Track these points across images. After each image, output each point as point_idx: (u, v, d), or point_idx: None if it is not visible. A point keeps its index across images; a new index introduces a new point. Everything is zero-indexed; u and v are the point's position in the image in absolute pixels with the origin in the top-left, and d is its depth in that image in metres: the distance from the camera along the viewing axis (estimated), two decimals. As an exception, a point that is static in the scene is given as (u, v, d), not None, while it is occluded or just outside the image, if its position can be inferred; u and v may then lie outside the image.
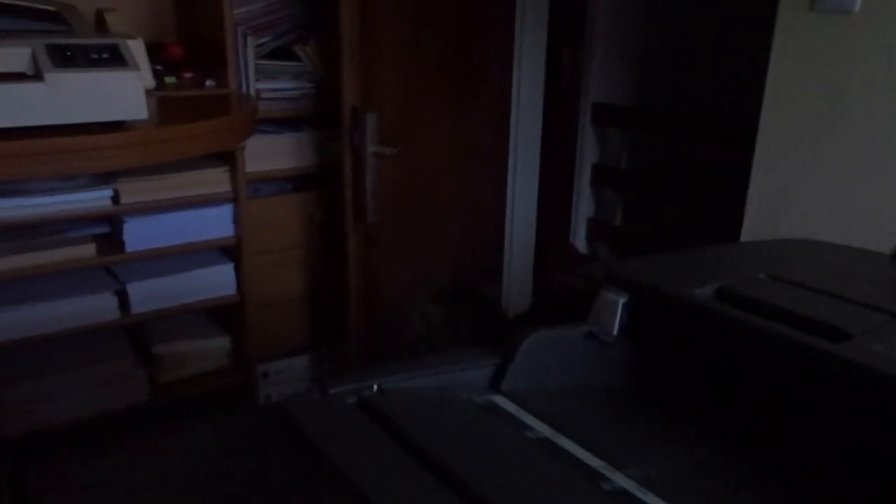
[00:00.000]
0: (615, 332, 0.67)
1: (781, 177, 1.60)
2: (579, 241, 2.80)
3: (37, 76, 1.26)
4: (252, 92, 1.85)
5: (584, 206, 2.77)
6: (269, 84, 1.89)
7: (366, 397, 0.57)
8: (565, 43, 2.41)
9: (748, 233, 1.65)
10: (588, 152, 2.72)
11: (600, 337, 0.67)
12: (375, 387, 0.59)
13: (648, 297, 0.65)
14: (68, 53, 1.29)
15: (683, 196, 2.51)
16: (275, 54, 1.91)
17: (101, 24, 1.76)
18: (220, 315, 1.95)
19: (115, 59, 1.31)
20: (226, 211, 1.83)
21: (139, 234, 1.73)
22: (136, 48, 1.48)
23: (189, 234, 1.80)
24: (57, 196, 1.62)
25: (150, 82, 1.61)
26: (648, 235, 2.71)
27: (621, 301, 0.68)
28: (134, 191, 1.69)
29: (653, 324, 0.66)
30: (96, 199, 1.66)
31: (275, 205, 1.96)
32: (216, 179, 1.80)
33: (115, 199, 1.67)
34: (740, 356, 0.60)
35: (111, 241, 1.74)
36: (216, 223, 1.83)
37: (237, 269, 1.86)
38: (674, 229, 2.69)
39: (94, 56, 1.31)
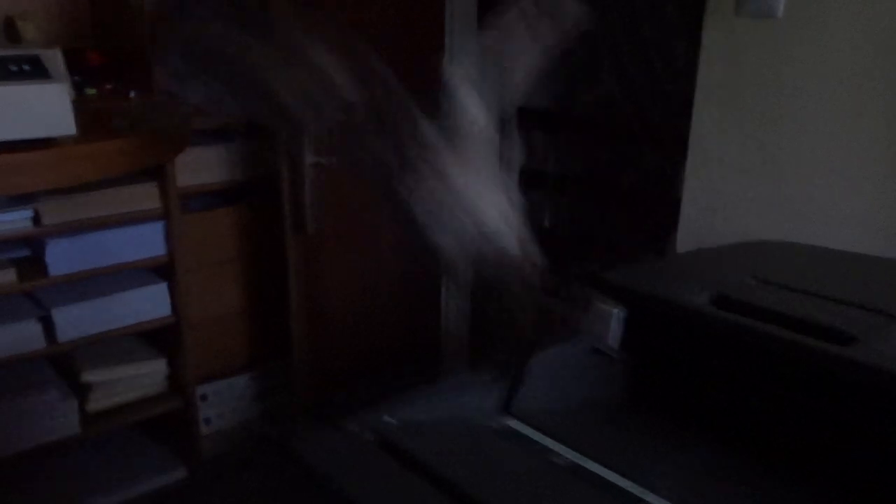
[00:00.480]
0: (618, 345, 0.66)
1: (716, 178, 1.65)
2: (509, 243, 2.81)
3: (-51, 91, 1.14)
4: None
5: (511, 209, 2.78)
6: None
7: (381, 431, 0.53)
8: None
9: (684, 235, 1.68)
10: (514, 156, 2.73)
11: (606, 351, 0.66)
12: (387, 419, 0.55)
13: (648, 308, 0.64)
14: (-16, 66, 1.18)
15: (610, 196, 2.55)
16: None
17: (11, 33, 1.64)
18: (154, 337, 1.84)
19: (37, 70, 1.21)
20: (156, 228, 1.72)
21: (63, 257, 1.61)
22: (54, 58, 1.37)
23: (118, 254, 1.69)
24: (-30, 219, 1.49)
25: (70, 94, 1.50)
26: (578, 237, 2.75)
27: (621, 314, 0.66)
28: (56, 210, 1.57)
29: (652, 334, 0.65)
30: (15, 220, 1.53)
31: (206, 219, 1.87)
32: (145, 195, 1.69)
33: (36, 219, 1.55)
34: (746, 363, 0.60)
35: (33, 264, 1.61)
36: (146, 241, 1.72)
37: (171, 289, 1.76)
38: (604, 230, 2.73)
39: (14, 68, 1.20)
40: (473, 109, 0.79)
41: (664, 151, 2.16)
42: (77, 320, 1.65)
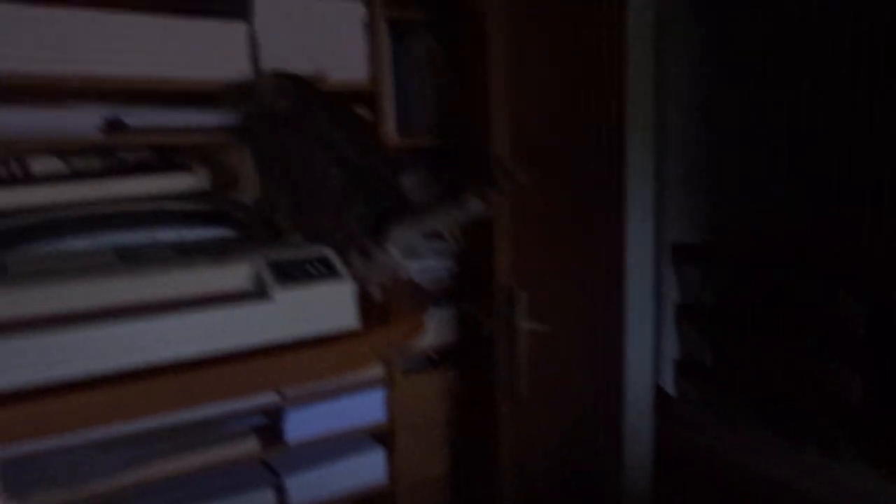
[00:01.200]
0: None
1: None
2: (667, 383, 2.71)
3: (261, 294, 1.20)
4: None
5: (668, 348, 2.70)
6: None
7: None
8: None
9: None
10: (669, 292, 2.67)
11: None
12: None
13: None
14: (288, 269, 1.24)
15: (777, 331, 2.43)
16: (417, 233, 1.87)
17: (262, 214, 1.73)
18: (366, 500, 1.82)
19: (328, 270, 1.26)
20: (378, 395, 1.74)
21: (299, 425, 1.64)
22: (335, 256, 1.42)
23: (344, 420, 1.70)
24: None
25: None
26: (739, 375, 2.61)
27: None
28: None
29: None
30: (268, 396, 1.57)
31: (418, 382, 1.87)
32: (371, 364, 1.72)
33: (282, 394, 1.59)
34: None
35: (270, 432, 1.64)
36: (368, 408, 1.73)
37: (387, 455, 1.75)
38: (768, 366, 2.59)
39: (311, 270, 1.26)
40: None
41: (849, 280, 2.04)
42: (305, 487, 1.66)
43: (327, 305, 1.24)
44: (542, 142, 1.82)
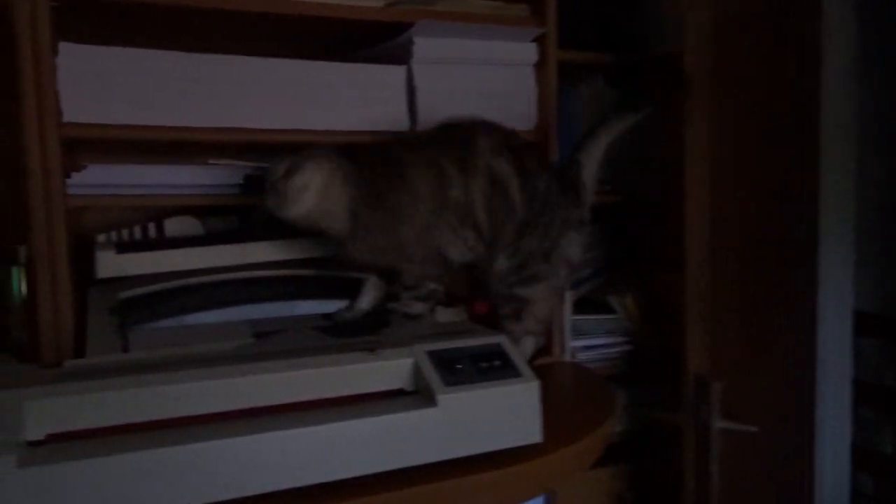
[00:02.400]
0: None
1: None
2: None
3: (423, 398, 0.89)
4: (568, 354, 1.45)
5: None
6: (581, 342, 1.50)
7: None
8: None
9: None
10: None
11: None
12: None
13: None
14: (454, 363, 0.92)
15: None
16: (583, 306, 1.53)
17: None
18: None
19: (505, 365, 0.94)
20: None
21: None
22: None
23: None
24: None
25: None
26: None
27: None
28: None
29: None
30: None
31: (582, 484, 1.50)
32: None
33: None
34: None
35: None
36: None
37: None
38: None
39: (483, 364, 0.94)
40: None
41: None
42: None
43: (505, 413, 0.91)
44: (739, 209, 1.44)
